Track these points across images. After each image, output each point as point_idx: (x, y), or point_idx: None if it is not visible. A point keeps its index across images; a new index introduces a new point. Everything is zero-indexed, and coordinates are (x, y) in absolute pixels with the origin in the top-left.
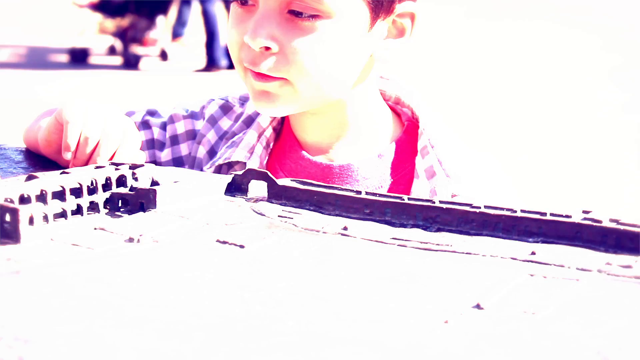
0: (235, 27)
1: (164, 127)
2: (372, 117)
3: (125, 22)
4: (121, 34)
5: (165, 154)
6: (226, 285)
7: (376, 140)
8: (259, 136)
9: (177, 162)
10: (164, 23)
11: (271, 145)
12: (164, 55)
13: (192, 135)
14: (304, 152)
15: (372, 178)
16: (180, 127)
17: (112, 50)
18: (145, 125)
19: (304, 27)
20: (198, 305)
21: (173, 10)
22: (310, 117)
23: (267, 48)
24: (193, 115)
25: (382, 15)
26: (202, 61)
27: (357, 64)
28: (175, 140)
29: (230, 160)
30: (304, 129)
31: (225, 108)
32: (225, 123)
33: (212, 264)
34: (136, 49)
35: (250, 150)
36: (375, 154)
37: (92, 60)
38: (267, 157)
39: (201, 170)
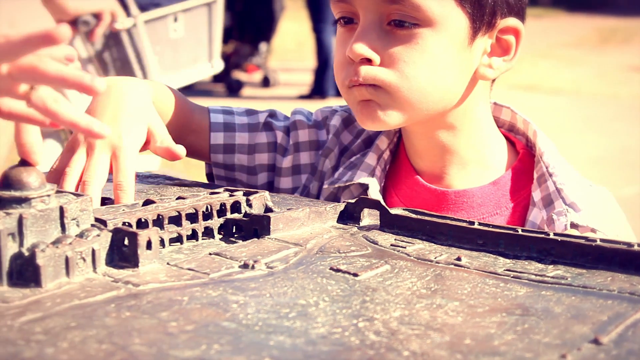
0: (339, 48)
1: (287, 132)
2: (486, 143)
3: (228, 48)
4: (224, 60)
5: (287, 161)
6: (340, 314)
7: (491, 167)
8: (378, 159)
9: (297, 169)
10: (266, 49)
11: (387, 168)
12: (266, 82)
13: (315, 145)
14: (419, 178)
15: (488, 205)
16: (304, 136)
17: (215, 77)
18: (267, 126)
19: (404, 37)
20: (313, 333)
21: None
22: (422, 141)
23: (368, 60)
24: (317, 125)
25: (483, 29)
26: (306, 88)
27: (459, 78)
28: (297, 147)
29: (352, 183)
30: (417, 153)
31: (347, 121)
32: (346, 137)
33: (326, 291)
34: (239, 75)
35: (371, 173)
36: (490, 180)
37: (196, 86)
38: (384, 181)
39: (322, 183)
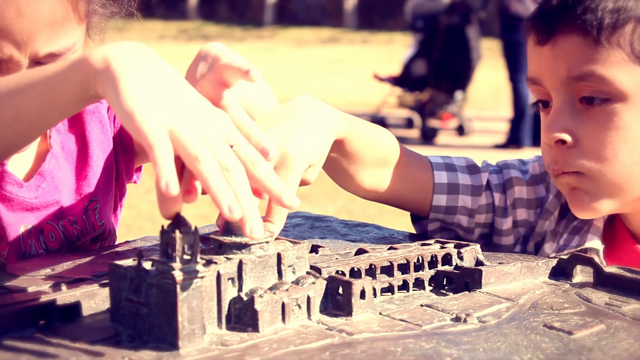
0: (542, 132)
1: (503, 191)
2: None
3: (424, 96)
4: (419, 108)
5: (507, 222)
6: None
7: None
8: (604, 220)
9: (515, 224)
10: (462, 98)
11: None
12: (460, 130)
13: (534, 204)
14: (638, 247)
15: None
16: (521, 193)
17: (409, 124)
18: (487, 187)
19: (596, 114)
20: None
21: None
22: (635, 213)
23: (563, 142)
24: (535, 181)
25: None
26: (500, 137)
27: None
28: (514, 205)
29: (584, 247)
30: (628, 221)
31: None
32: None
33: (540, 349)
34: (433, 123)
35: (600, 237)
36: None
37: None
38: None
39: (540, 242)
